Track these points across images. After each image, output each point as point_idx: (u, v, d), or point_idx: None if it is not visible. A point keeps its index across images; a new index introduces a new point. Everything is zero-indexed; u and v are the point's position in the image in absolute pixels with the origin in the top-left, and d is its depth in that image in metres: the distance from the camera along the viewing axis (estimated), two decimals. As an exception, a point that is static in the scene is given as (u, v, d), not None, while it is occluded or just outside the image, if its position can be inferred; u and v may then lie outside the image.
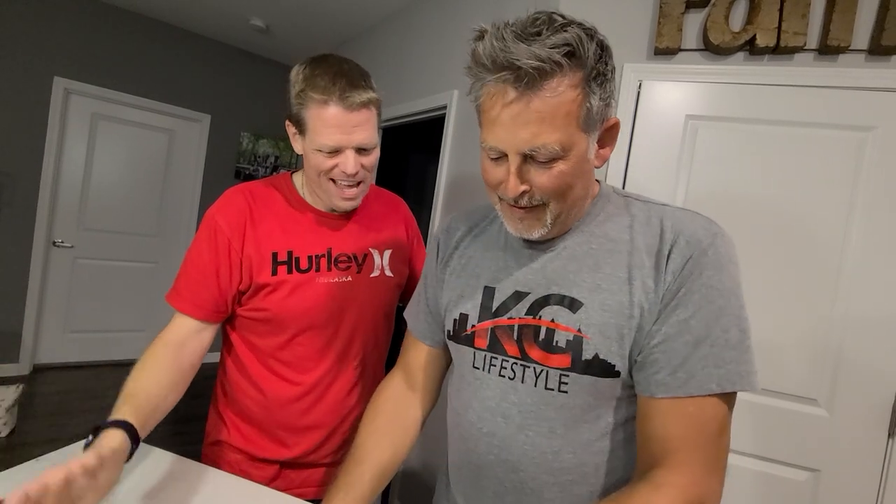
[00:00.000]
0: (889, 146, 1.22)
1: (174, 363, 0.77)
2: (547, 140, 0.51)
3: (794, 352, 1.27)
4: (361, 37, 2.94)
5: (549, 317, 0.59)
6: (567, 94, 0.50)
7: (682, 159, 1.39)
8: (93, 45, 3.03)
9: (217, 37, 3.45)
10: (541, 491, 0.60)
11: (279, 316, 0.86)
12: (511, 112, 0.51)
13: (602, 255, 0.59)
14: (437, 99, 2.12)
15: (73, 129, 3.06)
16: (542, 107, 0.49)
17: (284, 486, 0.89)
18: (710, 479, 0.51)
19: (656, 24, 1.40)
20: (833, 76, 1.27)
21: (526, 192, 0.55)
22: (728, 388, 0.50)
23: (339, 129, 0.78)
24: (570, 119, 0.51)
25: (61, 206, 3.06)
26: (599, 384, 0.57)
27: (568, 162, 0.53)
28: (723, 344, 0.51)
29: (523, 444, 0.60)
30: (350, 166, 0.80)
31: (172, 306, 0.83)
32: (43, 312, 3.07)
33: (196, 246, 0.84)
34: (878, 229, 1.22)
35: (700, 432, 0.51)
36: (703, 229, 0.55)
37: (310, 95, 0.78)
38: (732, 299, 0.52)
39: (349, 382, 0.92)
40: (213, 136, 3.57)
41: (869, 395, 1.22)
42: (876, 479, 1.21)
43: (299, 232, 0.88)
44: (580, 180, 0.56)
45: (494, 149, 0.54)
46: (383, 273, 0.96)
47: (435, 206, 2.08)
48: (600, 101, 0.53)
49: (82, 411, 2.65)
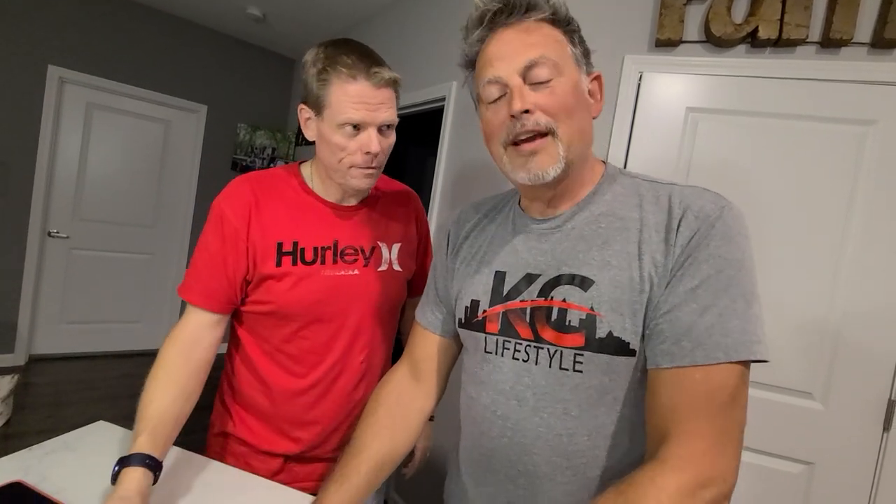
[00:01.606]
0: (889, 140, 1.21)
1: (185, 369, 0.77)
2: (542, 51, 0.56)
3: (791, 345, 1.28)
4: (359, 27, 2.91)
5: (561, 297, 0.59)
6: (549, 29, 0.58)
7: (682, 152, 1.38)
8: (87, 33, 2.99)
9: (213, 26, 3.41)
10: (553, 474, 0.60)
11: (283, 308, 0.85)
12: (507, 42, 0.58)
13: (611, 232, 0.59)
14: (435, 90, 2.10)
15: (67, 118, 3.03)
16: (534, 32, 0.57)
17: (289, 480, 0.89)
18: (722, 451, 0.48)
19: (658, 15, 1.39)
20: (835, 69, 1.26)
21: (530, 112, 0.56)
22: (734, 356, 0.49)
23: (365, 106, 0.78)
24: (557, 44, 0.58)
25: (56, 196, 3.04)
26: (615, 363, 0.56)
27: (564, 82, 0.57)
28: (730, 313, 0.50)
29: (538, 427, 0.60)
30: (374, 145, 0.80)
31: (184, 299, 0.82)
32: (38, 303, 3.05)
33: (204, 237, 0.84)
34: (877, 224, 1.22)
35: (708, 402, 0.49)
36: (712, 203, 0.55)
37: (338, 69, 0.77)
38: (742, 270, 0.52)
39: (355, 377, 0.92)
40: (210, 127, 3.54)
41: (864, 390, 1.22)
42: (870, 473, 1.22)
43: (306, 222, 0.87)
44: (580, 109, 0.59)
45: (495, 80, 0.58)
46: (391, 267, 0.95)
47: (433, 198, 2.07)
48: (581, 44, 0.61)
49: (77, 402, 2.64)
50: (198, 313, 0.81)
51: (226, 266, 0.82)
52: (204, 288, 0.82)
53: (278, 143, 3.88)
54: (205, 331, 0.81)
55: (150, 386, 0.74)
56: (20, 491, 0.65)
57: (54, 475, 0.70)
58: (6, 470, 0.69)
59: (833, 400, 1.24)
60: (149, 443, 0.67)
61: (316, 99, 0.80)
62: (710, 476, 0.47)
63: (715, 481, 0.47)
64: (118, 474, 0.63)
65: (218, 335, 0.84)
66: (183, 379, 0.76)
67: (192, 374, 0.78)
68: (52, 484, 0.68)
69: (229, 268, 0.82)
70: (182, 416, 0.75)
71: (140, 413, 0.71)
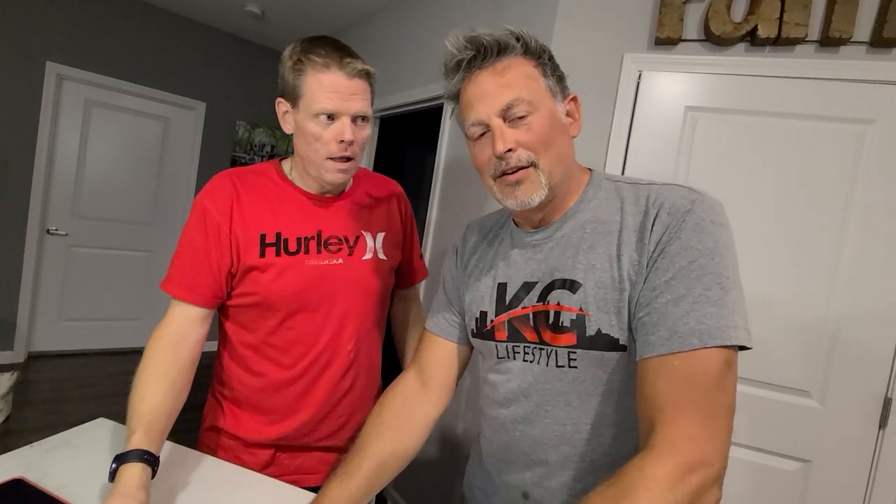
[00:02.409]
0: (888, 139, 1.22)
1: (175, 366, 0.77)
2: (517, 93, 0.60)
3: (788, 344, 1.28)
4: (358, 24, 2.90)
5: (555, 300, 0.63)
6: (524, 67, 0.62)
7: (681, 151, 1.38)
8: (86, 30, 2.98)
9: (212, 23, 3.40)
10: (564, 462, 0.64)
11: (268, 299, 0.85)
12: (484, 86, 0.62)
13: (596, 237, 0.63)
14: (434, 89, 2.10)
15: (66, 115, 3.02)
16: (507, 72, 0.61)
17: (278, 473, 0.90)
18: (708, 435, 0.48)
19: (657, 13, 1.39)
20: (834, 68, 1.26)
21: (512, 150, 0.61)
22: (710, 342, 0.49)
23: (339, 95, 0.80)
24: (531, 81, 0.62)
25: (55, 193, 3.03)
26: (606, 358, 0.60)
27: (541, 116, 0.61)
28: (704, 300, 0.51)
29: (544, 419, 0.65)
30: (347, 134, 0.81)
31: (168, 294, 0.83)
32: (37, 300, 3.05)
33: (187, 232, 0.84)
34: (875, 223, 1.23)
35: (689, 387, 0.49)
36: (682, 198, 0.58)
37: (311, 60, 0.79)
38: (715, 258, 0.53)
39: (343, 365, 0.92)
40: (209, 125, 3.53)
41: (861, 388, 1.23)
42: (866, 471, 1.23)
43: (288, 213, 0.88)
44: (558, 137, 0.63)
45: (477, 122, 0.62)
46: (376, 256, 0.95)
47: (433, 197, 2.07)
48: (554, 74, 0.64)
49: (77, 399, 2.65)
50: (183, 308, 0.82)
51: (210, 260, 0.82)
52: (189, 282, 0.82)
53: (277, 140, 3.87)
54: (191, 326, 0.81)
55: (140, 383, 0.74)
56: (21, 488, 0.66)
57: (55, 472, 0.71)
58: (7, 467, 0.70)
59: (830, 398, 1.25)
60: (145, 439, 0.67)
61: (292, 90, 0.82)
62: (698, 460, 0.47)
63: (703, 465, 0.47)
64: (116, 471, 0.63)
65: (204, 331, 0.84)
66: (172, 375, 0.76)
67: (182, 370, 0.78)
68: (53, 480, 0.68)
69: (213, 262, 0.82)
70: (174, 412, 0.75)
71: (132, 411, 0.71)
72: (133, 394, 0.73)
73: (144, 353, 0.78)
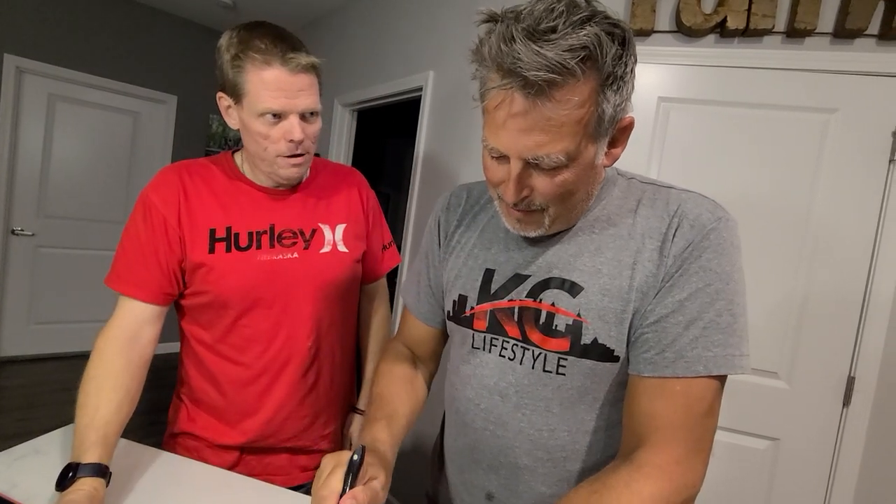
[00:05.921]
0: (850, 127, 1.26)
1: (127, 371, 0.75)
2: (552, 150, 0.48)
3: (757, 328, 1.32)
4: (333, 15, 2.85)
5: (550, 300, 0.59)
6: (578, 104, 0.46)
7: (654, 141, 1.40)
8: (47, 20, 2.85)
9: (182, 13, 3.29)
10: (534, 467, 0.62)
11: (220, 297, 0.83)
12: (517, 121, 0.48)
13: (604, 239, 0.59)
14: (412, 80, 2.08)
15: (28, 110, 2.89)
16: (550, 115, 0.46)
17: (246, 473, 0.88)
18: (694, 459, 0.50)
19: (630, 4, 1.40)
20: (799, 59, 1.29)
21: (526, 197, 0.54)
22: (714, 371, 0.50)
23: (284, 93, 0.76)
24: (578, 128, 0.48)
25: (19, 192, 2.91)
26: (598, 367, 0.57)
27: (572, 170, 0.51)
28: (714, 327, 0.51)
29: (519, 422, 0.61)
30: (297, 133, 0.78)
31: (114, 290, 0.79)
32: (4, 304, 2.94)
33: (132, 226, 0.81)
34: (839, 209, 1.27)
35: (686, 412, 0.51)
36: (708, 213, 0.55)
37: (250, 56, 0.74)
38: (730, 283, 0.52)
39: (304, 363, 0.90)
40: (181, 119, 3.43)
41: (826, 369, 1.28)
42: (831, 447, 1.29)
43: (239, 208, 0.85)
44: (584, 186, 0.55)
45: (496, 151, 0.52)
46: (335, 248, 0.92)
47: (412, 189, 2.06)
48: (614, 108, 0.49)
49: (51, 403, 2.57)
50: (132, 305, 0.79)
51: (157, 255, 0.79)
52: (136, 278, 0.79)
53: (253, 134, 3.78)
54: (142, 326, 0.79)
55: (92, 389, 0.72)
56: (-11, 498, 0.64)
57: (24, 481, 0.69)
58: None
59: (797, 379, 1.30)
60: (105, 454, 0.67)
61: (233, 87, 0.78)
62: (682, 484, 0.49)
63: (686, 488, 0.50)
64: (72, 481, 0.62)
65: (156, 331, 0.82)
66: (126, 382, 0.75)
67: (134, 375, 0.77)
68: (22, 491, 0.66)
69: (161, 257, 0.80)
70: (127, 419, 0.74)
71: (86, 419, 0.69)
72: (84, 398, 0.71)
73: (93, 353, 0.75)
